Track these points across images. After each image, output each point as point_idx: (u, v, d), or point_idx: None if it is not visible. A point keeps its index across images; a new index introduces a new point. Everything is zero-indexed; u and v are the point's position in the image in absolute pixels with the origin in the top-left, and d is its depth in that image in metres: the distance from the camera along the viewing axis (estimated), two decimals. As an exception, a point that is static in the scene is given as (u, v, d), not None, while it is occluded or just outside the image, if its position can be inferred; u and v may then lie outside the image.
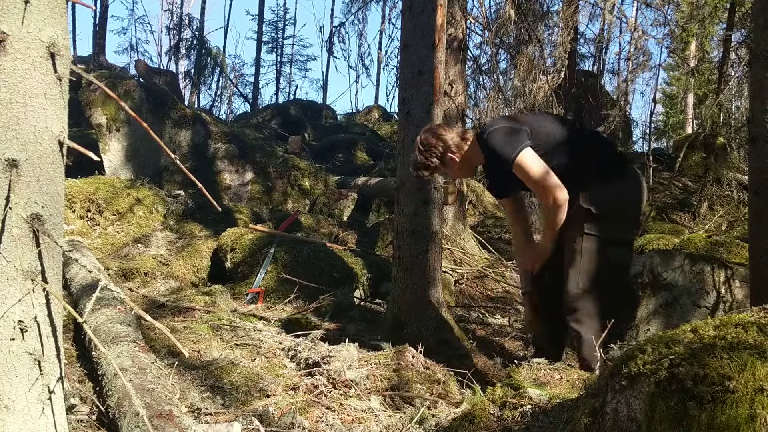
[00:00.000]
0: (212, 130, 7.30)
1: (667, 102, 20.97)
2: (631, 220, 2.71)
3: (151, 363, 2.30)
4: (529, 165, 2.49)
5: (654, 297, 3.53)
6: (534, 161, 2.50)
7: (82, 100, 6.63)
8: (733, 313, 1.45)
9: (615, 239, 2.58)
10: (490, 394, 2.30)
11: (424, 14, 3.30)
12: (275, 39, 20.07)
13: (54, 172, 1.43)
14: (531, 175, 2.50)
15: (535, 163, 2.50)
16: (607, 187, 2.57)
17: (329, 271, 4.41)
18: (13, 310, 1.35)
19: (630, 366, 1.34)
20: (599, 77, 11.44)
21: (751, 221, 2.86)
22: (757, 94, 2.74)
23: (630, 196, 2.64)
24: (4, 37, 1.34)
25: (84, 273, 3.38)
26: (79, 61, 12.16)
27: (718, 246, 5.05)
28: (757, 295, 2.77)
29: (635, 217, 2.74)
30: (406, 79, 3.34)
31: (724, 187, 8.11)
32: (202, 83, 16.29)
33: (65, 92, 1.46)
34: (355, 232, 5.65)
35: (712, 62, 9.95)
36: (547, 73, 6.43)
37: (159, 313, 3.62)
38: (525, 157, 2.49)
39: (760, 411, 1.10)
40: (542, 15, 6.87)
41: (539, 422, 1.92)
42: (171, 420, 1.82)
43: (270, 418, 2.19)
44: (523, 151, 2.49)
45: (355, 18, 10.38)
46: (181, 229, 5.32)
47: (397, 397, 2.48)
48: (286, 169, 7.41)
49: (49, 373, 1.41)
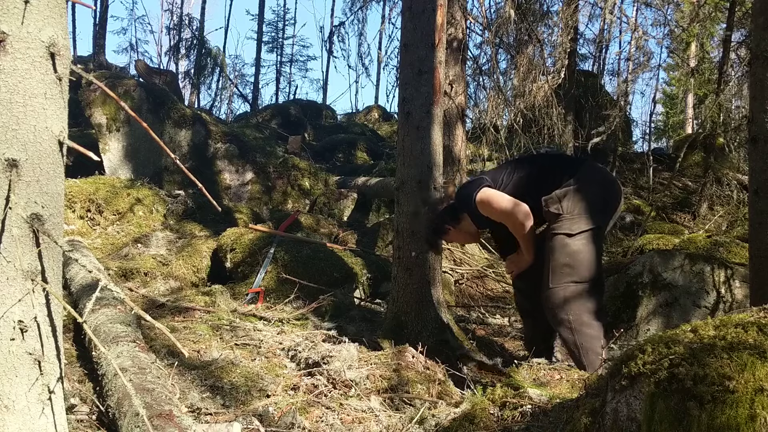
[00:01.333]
0: (212, 130, 7.30)
1: (667, 102, 20.97)
2: (593, 210, 2.72)
3: (151, 363, 2.30)
4: (489, 196, 2.78)
5: (654, 297, 3.53)
6: (493, 192, 2.79)
7: (82, 100, 6.63)
8: (733, 313, 1.45)
9: (577, 231, 2.67)
10: (490, 394, 2.30)
11: (424, 14, 3.30)
12: (275, 39, 20.08)
13: (54, 172, 1.43)
14: (493, 203, 2.77)
15: (494, 194, 2.79)
16: (565, 188, 2.74)
17: (329, 271, 4.41)
18: (13, 310, 1.35)
19: (630, 366, 1.34)
20: (599, 77, 11.43)
21: (751, 221, 2.86)
22: (757, 94, 2.74)
23: (588, 190, 2.74)
24: (4, 37, 1.33)
25: (84, 273, 3.38)
26: (79, 61, 12.17)
27: (718, 246, 5.05)
28: (757, 295, 2.77)
29: (597, 207, 2.75)
30: (406, 79, 3.34)
31: (724, 187, 8.12)
32: (202, 83, 16.29)
33: (65, 92, 1.46)
34: (355, 232, 5.65)
35: (712, 62, 9.95)
36: (547, 73, 6.43)
37: (159, 313, 3.62)
38: (485, 192, 2.79)
39: (760, 411, 1.10)
40: (542, 15, 6.87)
41: (539, 422, 1.92)
42: (171, 420, 1.82)
43: (270, 418, 2.19)
44: (482, 188, 2.81)
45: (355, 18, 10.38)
46: (181, 229, 5.31)
47: (397, 397, 2.48)
48: (286, 169, 7.41)
49: (49, 373, 1.41)
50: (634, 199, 8.72)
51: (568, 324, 2.63)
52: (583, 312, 2.62)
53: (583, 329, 2.61)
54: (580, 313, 2.62)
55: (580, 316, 2.61)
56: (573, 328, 2.62)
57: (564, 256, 2.65)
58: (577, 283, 2.64)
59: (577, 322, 2.61)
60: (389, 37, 17.66)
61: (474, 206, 2.79)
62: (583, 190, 2.72)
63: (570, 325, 2.62)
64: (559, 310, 2.65)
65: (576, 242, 2.65)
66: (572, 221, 2.67)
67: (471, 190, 2.83)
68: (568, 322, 2.63)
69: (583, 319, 2.61)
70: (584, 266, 2.65)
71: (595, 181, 2.79)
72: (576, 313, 2.61)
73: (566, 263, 2.65)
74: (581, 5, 8.42)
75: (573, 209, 2.68)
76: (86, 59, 13.06)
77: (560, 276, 2.65)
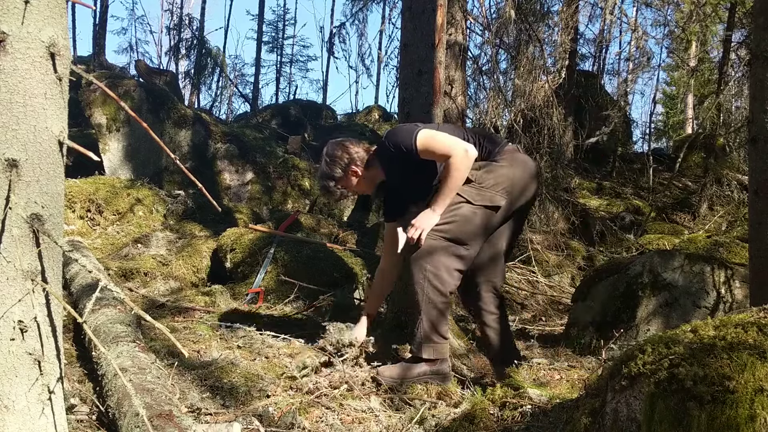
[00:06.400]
0: (212, 130, 7.30)
1: (667, 102, 20.96)
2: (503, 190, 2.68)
3: (151, 363, 2.30)
4: (431, 136, 2.63)
5: (654, 297, 3.53)
6: (434, 133, 2.64)
7: (82, 100, 6.63)
8: (733, 313, 1.45)
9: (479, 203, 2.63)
10: (490, 394, 2.30)
11: (424, 14, 3.30)
12: (275, 39, 20.05)
13: (54, 172, 1.43)
14: (437, 142, 2.61)
15: (436, 134, 2.64)
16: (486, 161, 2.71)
17: (329, 271, 4.41)
18: (13, 310, 1.35)
19: (630, 366, 1.35)
20: (599, 77, 11.43)
21: (751, 221, 2.86)
22: (757, 94, 2.75)
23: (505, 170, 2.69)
24: (4, 37, 1.34)
25: (84, 273, 3.38)
26: (79, 61, 12.16)
27: (718, 246, 5.06)
28: (757, 295, 2.77)
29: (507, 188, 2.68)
30: (406, 79, 3.34)
31: (724, 187, 8.12)
32: (202, 83, 16.27)
33: (65, 92, 1.46)
34: (355, 232, 5.64)
35: (712, 62, 9.96)
36: (547, 73, 6.43)
37: (159, 313, 3.62)
38: (424, 133, 2.64)
39: (760, 411, 1.10)
40: (542, 15, 6.88)
41: (539, 422, 1.92)
42: (171, 420, 1.82)
43: (270, 418, 2.19)
44: (421, 130, 2.64)
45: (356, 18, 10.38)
46: (181, 229, 5.31)
47: (396, 397, 2.48)
48: (286, 169, 7.41)
49: (49, 373, 1.41)
50: (634, 199, 8.72)
51: (424, 272, 2.60)
52: (441, 267, 2.60)
53: (436, 284, 2.59)
54: (438, 266, 2.60)
55: (439, 269, 2.60)
56: (428, 278, 2.59)
57: (453, 215, 2.62)
58: (448, 240, 2.61)
59: (433, 274, 2.59)
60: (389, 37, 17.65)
61: (412, 146, 2.62)
62: (501, 169, 2.68)
63: (425, 273, 2.59)
64: (423, 258, 2.61)
65: (471, 210, 2.62)
66: (478, 192, 2.63)
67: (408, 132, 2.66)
68: (424, 270, 2.60)
69: (441, 274, 2.60)
70: (464, 233, 2.62)
71: (517, 162, 2.72)
72: (435, 266, 2.59)
73: (451, 221, 2.62)
74: (581, 5, 8.42)
75: (483, 181, 2.65)
76: (86, 59, 13.05)
77: (439, 229, 2.62)
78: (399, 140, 2.68)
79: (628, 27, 8.45)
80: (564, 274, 5.68)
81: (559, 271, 5.69)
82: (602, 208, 8.22)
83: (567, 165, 8.70)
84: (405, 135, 2.67)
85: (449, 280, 2.61)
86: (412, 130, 2.66)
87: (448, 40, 3.58)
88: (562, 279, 5.61)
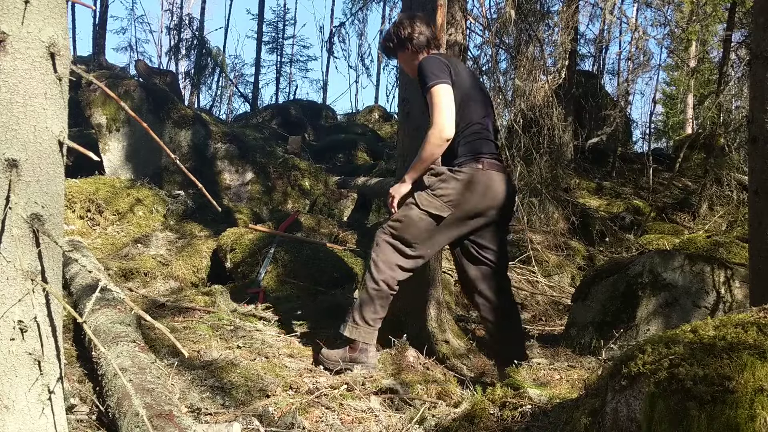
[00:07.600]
0: (212, 130, 7.30)
1: (667, 102, 20.97)
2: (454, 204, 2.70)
3: (151, 363, 2.30)
4: (439, 97, 2.63)
5: (654, 297, 3.53)
6: (442, 96, 2.63)
7: (82, 100, 6.63)
8: (733, 313, 1.45)
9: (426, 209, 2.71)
10: (490, 394, 2.30)
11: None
12: (275, 39, 20.06)
13: (54, 172, 1.43)
14: (435, 106, 2.64)
15: (442, 99, 2.63)
16: (456, 168, 2.73)
17: (329, 271, 4.41)
18: (13, 310, 1.35)
19: (630, 366, 1.35)
20: (599, 78, 11.43)
21: (751, 221, 2.86)
22: (757, 94, 2.74)
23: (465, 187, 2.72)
24: (4, 37, 1.34)
25: (84, 273, 3.38)
26: (79, 61, 12.16)
27: (718, 246, 5.05)
28: (757, 295, 2.77)
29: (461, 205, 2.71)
30: (406, 79, 3.33)
31: (724, 187, 8.11)
32: (202, 83, 16.27)
33: (65, 92, 1.46)
34: (355, 232, 5.64)
35: (712, 62, 9.96)
36: (548, 73, 6.43)
37: (159, 313, 3.62)
38: (437, 90, 2.64)
39: (760, 411, 1.10)
40: (542, 15, 6.88)
41: (539, 422, 1.92)
42: (171, 420, 1.82)
43: (270, 418, 2.19)
44: (439, 85, 2.65)
45: (356, 18, 10.38)
46: (181, 229, 5.31)
47: (396, 397, 2.48)
48: (286, 169, 7.41)
49: (49, 373, 1.41)
50: (634, 199, 8.72)
51: (370, 258, 2.77)
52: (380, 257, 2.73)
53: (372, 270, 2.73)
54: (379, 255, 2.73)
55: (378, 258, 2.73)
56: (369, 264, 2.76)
57: (402, 215, 2.72)
58: (393, 237, 2.73)
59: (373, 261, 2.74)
60: (389, 37, 17.58)
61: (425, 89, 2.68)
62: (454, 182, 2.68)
63: (369, 259, 2.77)
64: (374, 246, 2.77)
65: (417, 213, 2.69)
66: (428, 197, 2.69)
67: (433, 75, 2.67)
68: (370, 256, 2.77)
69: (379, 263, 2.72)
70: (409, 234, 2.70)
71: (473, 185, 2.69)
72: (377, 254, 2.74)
73: (399, 220, 2.72)
74: (581, 5, 8.43)
75: (436, 189, 2.69)
76: (86, 59, 13.05)
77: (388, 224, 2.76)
78: (423, 74, 2.70)
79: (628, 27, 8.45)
80: (564, 274, 5.68)
81: (559, 271, 5.68)
82: (602, 208, 8.22)
83: (567, 165, 8.70)
84: (429, 76, 2.68)
85: (386, 271, 2.71)
86: (436, 77, 2.65)
87: (448, 40, 3.57)
88: (562, 279, 5.61)
